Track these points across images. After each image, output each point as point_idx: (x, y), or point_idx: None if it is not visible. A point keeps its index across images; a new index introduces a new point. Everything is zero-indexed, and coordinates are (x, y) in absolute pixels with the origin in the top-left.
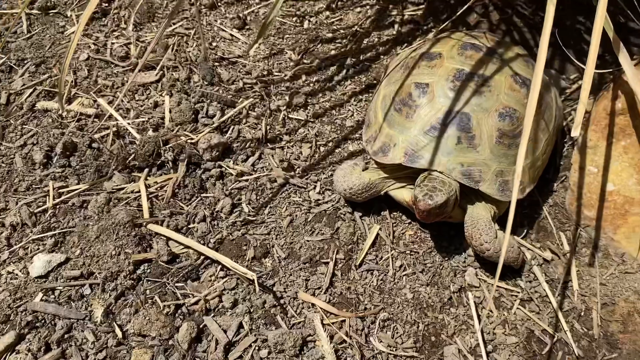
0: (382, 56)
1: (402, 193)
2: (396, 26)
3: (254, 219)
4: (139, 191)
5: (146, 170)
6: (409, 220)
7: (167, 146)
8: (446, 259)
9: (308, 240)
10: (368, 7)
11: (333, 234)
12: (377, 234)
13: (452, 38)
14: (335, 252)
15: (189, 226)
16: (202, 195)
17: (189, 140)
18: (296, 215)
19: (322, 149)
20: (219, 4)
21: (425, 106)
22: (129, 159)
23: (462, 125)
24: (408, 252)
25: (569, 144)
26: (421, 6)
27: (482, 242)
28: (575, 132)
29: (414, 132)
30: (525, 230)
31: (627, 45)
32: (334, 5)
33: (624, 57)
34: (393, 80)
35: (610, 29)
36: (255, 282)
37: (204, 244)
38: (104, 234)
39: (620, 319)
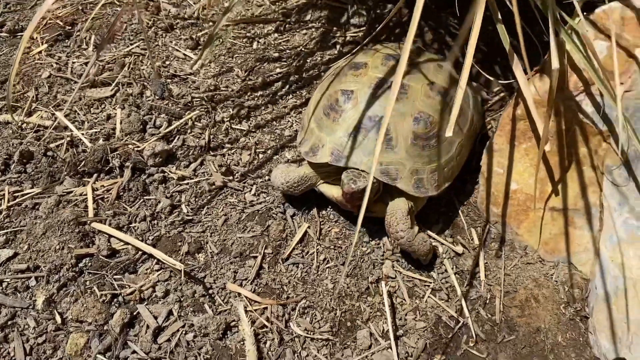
0: (323, 73)
1: (331, 189)
2: (338, 46)
3: (191, 218)
4: (86, 194)
5: (95, 175)
6: (336, 219)
7: (115, 153)
8: (367, 253)
9: (240, 237)
10: (314, 29)
11: (264, 231)
12: (306, 231)
13: (377, 50)
14: (264, 247)
15: (130, 225)
16: (144, 197)
17: (135, 148)
18: (231, 215)
19: (260, 155)
20: (175, 27)
21: (349, 111)
22: (80, 165)
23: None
24: (332, 247)
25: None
26: (362, 28)
27: (397, 230)
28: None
29: (340, 134)
30: (440, 226)
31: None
32: (282, 28)
33: (516, 68)
34: (324, 89)
35: (506, 42)
36: (182, 272)
37: (142, 241)
38: (49, 231)
39: (519, 305)
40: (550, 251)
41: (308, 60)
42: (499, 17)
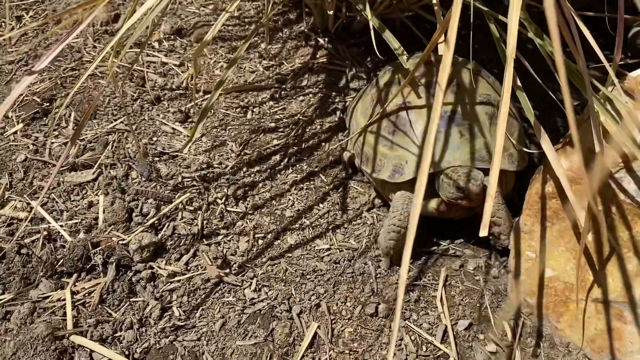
0: (323, 143)
1: (427, 206)
2: (338, 113)
3: (184, 323)
4: (65, 299)
5: (75, 275)
6: (349, 315)
7: (98, 249)
8: None
9: (240, 345)
10: (311, 95)
11: (267, 336)
12: (315, 332)
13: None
14: (268, 357)
15: (115, 334)
16: (131, 299)
17: (120, 241)
18: (229, 317)
19: (260, 242)
20: (162, 98)
21: (416, 121)
22: (58, 264)
23: (456, 121)
24: (348, 351)
25: None
26: None
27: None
28: (483, 232)
29: (419, 143)
30: (469, 322)
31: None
32: (277, 95)
33: (545, 143)
34: (368, 115)
35: (530, 113)
36: None
37: (128, 355)
38: (21, 350)
39: None
40: (599, 350)
41: (307, 129)
42: (518, 83)
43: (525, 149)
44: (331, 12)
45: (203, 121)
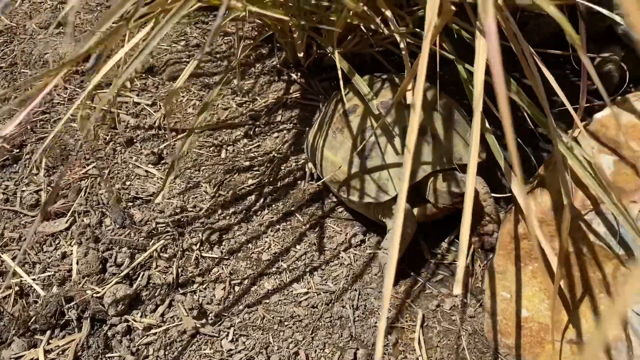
0: (299, 181)
1: (418, 214)
2: None
3: None
4: (38, 359)
5: (48, 332)
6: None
7: (72, 303)
8: None
9: None
10: (285, 131)
11: None
12: None
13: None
14: None
15: None
16: (106, 355)
17: (94, 294)
18: None
19: (236, 288)
20: (135, 140)
21: (386, 143)
22: (31, 321)
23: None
24: None
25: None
26: None
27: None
28: (457, 289)
29: (395, 160)
30: None
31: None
32: (251, 132)
33: (514, 184)
34: (339, 145)
35: (499, 156)
36: None
37: None
38: None
39: None
40: None
41: (282, 167)
42: (487, 126)
43: (495, 195)
44: (301, 54)
45: (174, 172)
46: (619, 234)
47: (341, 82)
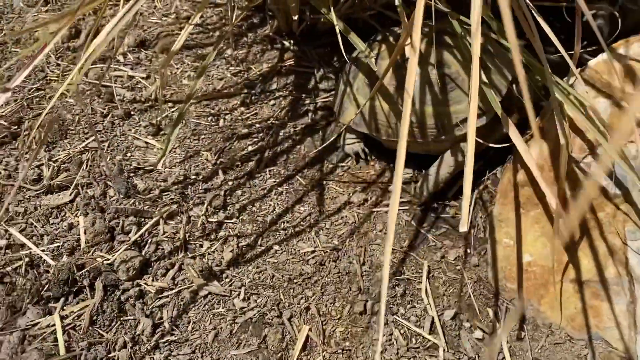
0: (298, 145)
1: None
2: (310, 114)
3: (177, 338)
4: (55, 324)
5: (62, 299)
6: (339, 315)
7: (83, 271)
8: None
9: (235, 355)
10: (281, 98)
11: (261, 344)
12: (307, 336)
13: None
14: None
15: (110, 355)
16: (121, 318)
17: (105, 262)
18: (221, 328)
19: (244, 250)
20: (133, 112)
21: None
22: (44, 290)
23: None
24: (340, 351)
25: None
26: (332, 92)
27: None
28: (463, 227)
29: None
30: (454, 312)
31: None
32: (248, 101)
33: (514, 134)
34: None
35: (497, 107)
36: None
37: None
38: None
39: None
40: (579, 328)
41: (281, 133)
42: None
43: (493, 145)
44: (295, 18)
45: (174, 134)
46: (614, 175)
47: (340, 42)
